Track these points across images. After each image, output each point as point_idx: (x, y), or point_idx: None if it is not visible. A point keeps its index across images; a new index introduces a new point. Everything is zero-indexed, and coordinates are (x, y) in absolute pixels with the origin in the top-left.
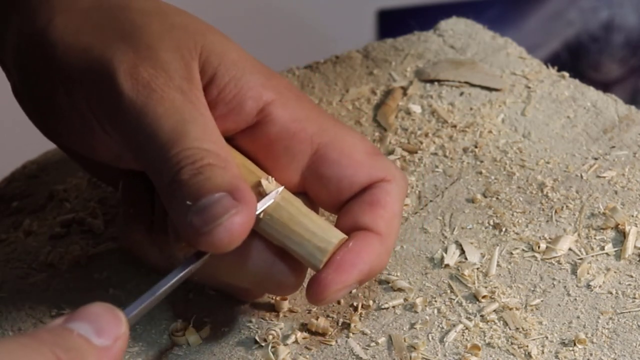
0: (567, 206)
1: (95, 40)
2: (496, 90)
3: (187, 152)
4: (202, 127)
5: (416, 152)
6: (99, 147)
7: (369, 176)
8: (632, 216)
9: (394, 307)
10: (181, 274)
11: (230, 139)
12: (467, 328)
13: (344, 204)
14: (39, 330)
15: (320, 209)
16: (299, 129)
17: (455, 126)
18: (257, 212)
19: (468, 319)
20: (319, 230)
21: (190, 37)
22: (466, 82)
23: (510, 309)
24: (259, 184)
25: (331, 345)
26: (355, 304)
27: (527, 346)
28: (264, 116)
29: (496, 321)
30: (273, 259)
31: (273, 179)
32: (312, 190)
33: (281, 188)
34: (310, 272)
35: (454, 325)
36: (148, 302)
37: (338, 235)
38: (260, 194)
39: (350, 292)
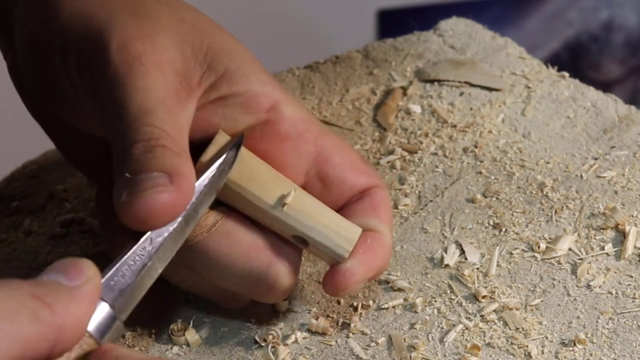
0: (567, 206)
1: (101, 10)
2: (496, 90)
3: (145, 129)
4: (171, 112)
5: (416, 152)
6: (84, 117)
7: (367, 181)
8: (632, 216)
9: (394, 307)
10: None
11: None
12: (467, 328)
13: (342, 205)
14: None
15: None
16: (305, 129)
17: (455, 126)
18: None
19: (468, 319)
20: (342, 222)
21: (197, 34)
22: (466, 82)
23: (510, 309)
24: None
25: (331, 345)
26: (355, 304)
27: (527, 346)
28: (275, 113)
29: (496, 321)
30: (270, 259)
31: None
32: (313, 190)
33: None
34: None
35: (454, 325)
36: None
37: (359, 228)
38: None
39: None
